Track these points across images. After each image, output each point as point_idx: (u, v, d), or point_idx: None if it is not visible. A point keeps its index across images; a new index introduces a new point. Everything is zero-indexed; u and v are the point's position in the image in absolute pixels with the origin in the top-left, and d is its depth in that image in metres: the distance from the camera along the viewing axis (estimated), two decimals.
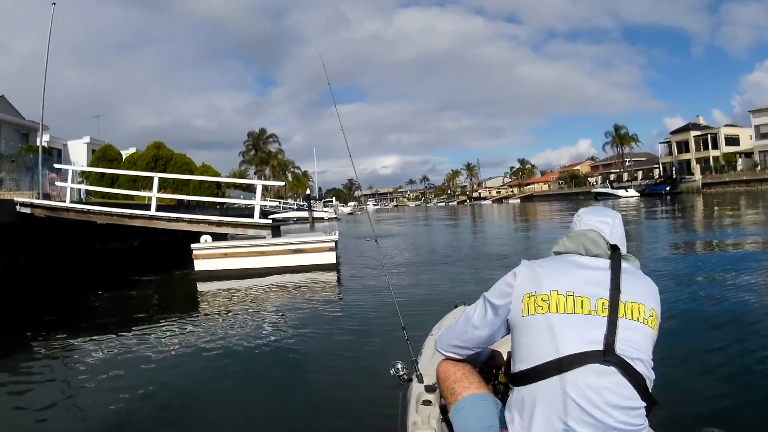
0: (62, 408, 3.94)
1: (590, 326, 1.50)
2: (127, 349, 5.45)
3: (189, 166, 32.09)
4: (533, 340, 1.54)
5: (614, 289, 1.55)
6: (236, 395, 3.94)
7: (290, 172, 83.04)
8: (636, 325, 1.52)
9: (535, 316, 1.55)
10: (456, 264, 11.45)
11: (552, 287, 1.56)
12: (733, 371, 3.77)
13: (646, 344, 1.53)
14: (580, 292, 1.54)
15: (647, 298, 1.59)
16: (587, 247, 1.69)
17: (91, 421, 3.67)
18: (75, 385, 4.53)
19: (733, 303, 5.87)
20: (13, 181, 16.74)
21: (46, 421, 3.70)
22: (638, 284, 1.61)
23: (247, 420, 3.54)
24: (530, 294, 1.58)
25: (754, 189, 48.90)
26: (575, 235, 1.74)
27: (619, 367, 1.45)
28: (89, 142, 35.53)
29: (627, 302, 1.53)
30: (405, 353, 2.51)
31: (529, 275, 1.63)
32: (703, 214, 24.42)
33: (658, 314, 1.60)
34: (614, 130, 79.99)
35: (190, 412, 3.71)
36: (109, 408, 3.78)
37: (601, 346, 1.46)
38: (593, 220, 1.78)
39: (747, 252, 10.12)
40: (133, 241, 16.91)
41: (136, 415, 3.64)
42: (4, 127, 28.29)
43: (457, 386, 1.79)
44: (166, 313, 7.59)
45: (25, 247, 12.18)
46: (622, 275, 1.58)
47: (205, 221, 12.51)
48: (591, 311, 1.52)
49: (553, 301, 1.54)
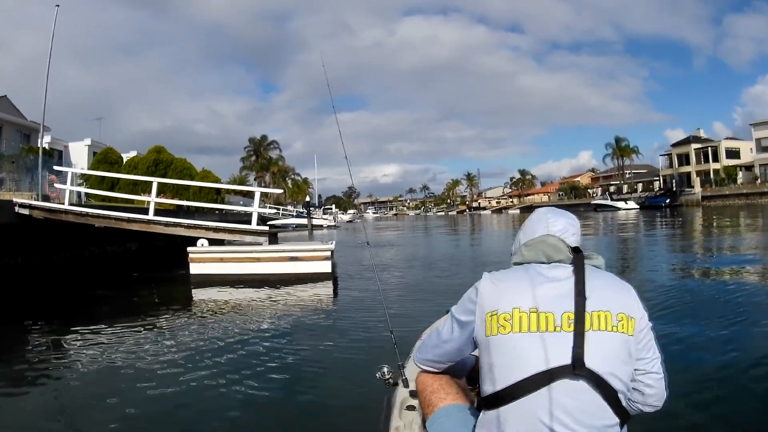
0: (53, 410, 3.97)
1: (557, 343, 1.45)
2: (120, 353, 5.45)
3: (189, 171, 32.14)
4: (499, 361, 1.50)
5: (579, 296, 1.49)
6: (223, 399, 3.94)
7: (290, 179, 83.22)
8: (604, 335, 1.46)
9: (499, 336, 1.50)
10: (451, 271, 11.46)
11: (514, 304, 1.51)
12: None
13: (619, 353, 1.48)
14: (545, 308, 1.49)
15: (614, 301, 1.52)
16: (548, 254, 1.63)
17: (79, 424, 3.68)
18: (66, 388, 4.53)
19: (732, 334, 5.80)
20: (13, 181, 16.76)
21: (36, 423, 3.71)
22: (605, 288, 1.55)
23: (232, 423, 3.54)
24: (492, 313, 1.53)
25: (754, 202, 48.97)
26: (533, 242, 1.68)
27: (589, 381, 1.41)
28: (90, 144, 35.61)
29: (593, 312, 1.47)
30: (392, 358, 2.51)
31: (491, 290, 1.58)
32: (702, 228, 24.40)
33: (632, 314, 1.52)
34: (615, 142, 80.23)
35: (175, 418, 3.69)
36: (98, 412, 3.79)
37: (569, 361, 1.42)
38: (554, 222, 1.71)
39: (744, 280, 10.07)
40: (131, 244, 16.92)
41: (124, 421, 3.63)
42: (6, 127, 28.34)
43: (434, 397, 1.78)
44: (160, 316, 7.59)
45: (23, 248, 12.20)
46: (587, 281, 1.53)
47: (203, 227, 12.53)
48: (557, 328, 1.46)
49: (515, 319, 1.49)
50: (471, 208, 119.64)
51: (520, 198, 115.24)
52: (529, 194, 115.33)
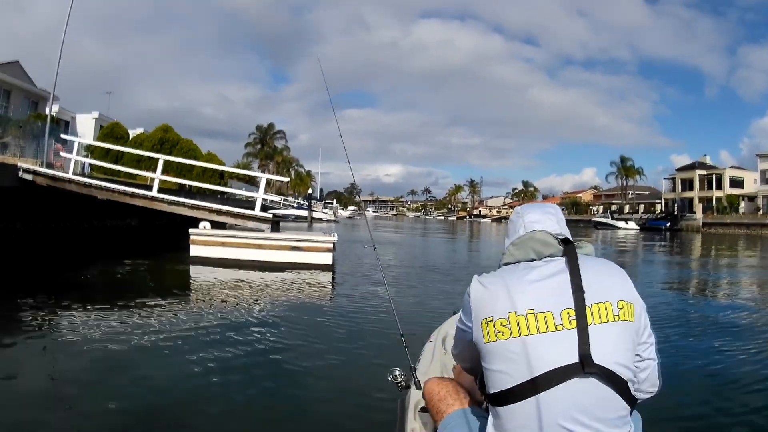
0: (40, 390, 3.86)
1: (560, 342, 1.40)
2: (111, 331, 5.34)
3: (195, 152, 32.04)
4: (501, 367, 1.45)
5: (577, 291, 1.45)
6: (225, 398, 3.77)
7: (294, 170, 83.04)
8: (607, 327, 1.43)
9: (497, 342, 1.45)
10: (453, 273, 11.39)
11: (509, 309, 1.45)
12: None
13: (626, 342, 1.45)
14: (541, 308, 1.44)
15: (613, 289, 1.49)
16: (538, 250, 1.59)
17: (68, 405, 3.58)
18: (55, 367, 4.45)
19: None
20: (18, 146, 16.67)
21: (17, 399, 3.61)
22: (600, 276, 1.52)
23: (238, 426, 3.40)
24: (488, 319, 1.48)
25: (753, 233, 48.90)
26: (521, 240, 1.64)
27: (600, 376, 1.38)
28: (98, 117, 35.49)
29: (593, 304, 1.43)
30: (403, 360, 2.46)
31: (483, 295, 1.53)
32: (700, 253, 24.37)
33: (630, 299, 1.49)
34: (620, 161, 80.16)
35: (173, 413, 3.52)
36: (86, 396, 3.70)
37: (576, 359, 1.38)
38: (536, 216, 1.68)
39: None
40: (131, 220, 16.87)
41: (113, 405, 3.50)
42: (15, 92, 28.28)
43: (442, 405, 1.77)
44: (157, 297, 7.47)
45: (24, 214, 12.13)
46: (582, 272, 1.48)
47: (206, 208, 12.47)
48: (557, 326, 1.41)
49: (513, 324, 1.44)
50: (471, 215, 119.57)
51: None
52: None
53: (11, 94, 27.93)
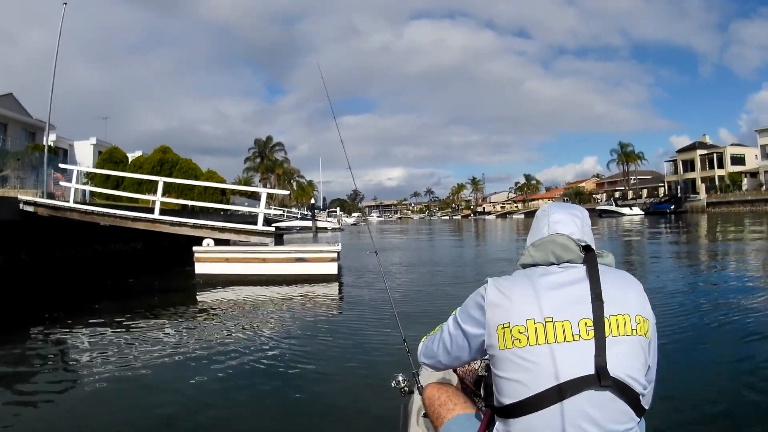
0: (53, 410, 3.87)
1: (577, 352, 1.37)
2: (121, 354, 5.37)
3: (195, 171, 32.14)
4: (517, 376, 1.41)
5: (596, 301, 1.42)
6: (231, 405, 3.82)
7: (295, 181, 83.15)
8: (625, 339, 1.40)
9: (514, 350, 1.42)
10: (458, 277, 11.35)
11: (527, 315, 1.42)
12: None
13: (639, 356, 1.43)
14: (560, 316, 1.40)
15: (631, 302, 1.47)
16: (558, 255, 1.55)
17: (78, 424, 3.58)
18: (67, 388, 4.43)
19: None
20: (18, 179, 16.77)
21: (36, 419, 3.64)
22: (620, 288, 1.48)
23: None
24: (504, 325, 1.44)
25: (758, 209, 48.72)
26: (542, 242, 1.60)
27: (615, 389, 1.36)
28: (96, 143, 35.60)
29: (611, 316, 1.41)
30: (406, 365, 2.44)
31: (499, 300, 1.48)
32: (707, 235, 24.24)
33: (647, 314, 1.47)
34: (620, 148, 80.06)
35: (181, 421, 3.57)
36: (99, 414, 3.71)
37: (593, 371, 1.35)
38: (562, 215, 1.64)
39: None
40: (135, 244, 16.87)
41: (125, 419, 3.56)
42: (11, 125, 28.41)
43: (442, 410, 1.76)
44: (164, 316, 7.50)
45: (27, 244, 12.15)
46: (603, 282, 1.45)
47: (208, 226, 12.47)
48: (575, 336, 1.38)
49: (531, 331, 1.40)
50: (475, 213, 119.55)
51: (525, 203, 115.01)
52: (533, 199, 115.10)
53: (7, 126, 28.05)
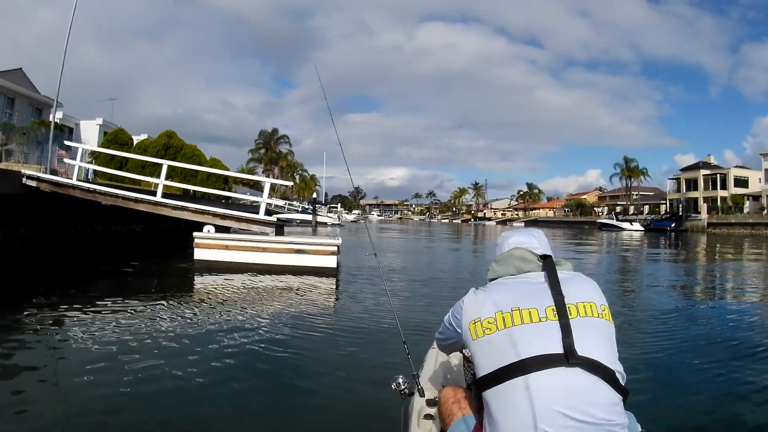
0: (44, 391, 3.85)
1: (545, 331, 1.51)
2: (115, 335, 5.33)
3: (199, 158, 32.17)
4: (488, 356, 1.57)
5: (557, 294, 1.57)
6: (226, 404, 3.70)
7: (298, 175, 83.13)
8: (591, 320, 1.54)
9: (484, 337, 1.58)
10: (457, 278, 11.33)
11: (495, 309, 1.59)
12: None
13: (608, 336, 1.56)
14: (526, 305, 1.56)
15: (594, 296, 1.63)
16: (518, 266, 1.74)
17: (71, 406, 3.56)
18: (59, 370, 4.40)
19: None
20: (23, 153, 16.76)
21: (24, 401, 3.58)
22: (579, 284, 1.65)
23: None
24: (475, 320, 1.63)
25: (759, 232, 48.59)
26: (503, 257, 1.82)
27: (585, 366, 1.45)
28: (102, 124, 35.66)
29: (577, 303, 1.56)
30: (406, 367, 2.43)
31: (474, 301, 1.69)
32: (705, 255, 24.21)
33: (607, 306, 1.63)
34: (624, 162, 79.96)
35: (174, 414, 3.49)
36: (90, 397, 3.67)
37: (561, 350, 1.47)
38: (519, 238, 1.87)
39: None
40: (135, 226, 16.88)
41: (116, 405, 3.53)
42: (19, 99, 28.43)
43: (455, 407, 1.87)
44: (162, 300, 7.42)
45: (27, 219, 12.14)
46: (561, 281, 1.61)
47: (210, 212, 12.45)
48: (542, 318, 1.53)
49: (499, 321, 1.56)
50: (476, 218, 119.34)
51: (526, 211, 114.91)
52: (534, 208, 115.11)
53: (15, 101, 28.08)
